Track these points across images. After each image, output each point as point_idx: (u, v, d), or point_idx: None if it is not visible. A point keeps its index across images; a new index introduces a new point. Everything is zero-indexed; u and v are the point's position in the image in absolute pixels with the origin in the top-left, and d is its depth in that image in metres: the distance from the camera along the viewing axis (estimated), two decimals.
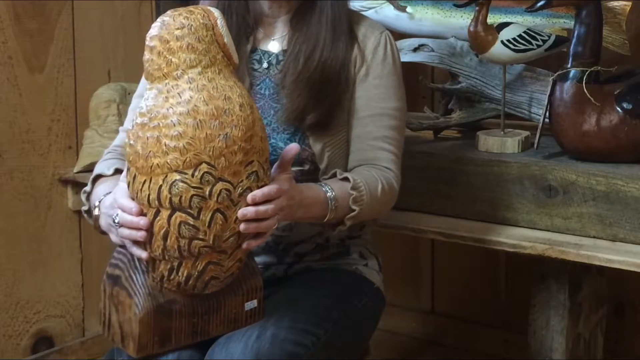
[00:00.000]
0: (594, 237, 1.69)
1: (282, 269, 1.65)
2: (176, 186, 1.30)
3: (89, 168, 2.35)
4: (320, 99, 1.58)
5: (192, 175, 1.30)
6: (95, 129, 2.38)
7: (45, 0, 2.34)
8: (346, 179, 1.53)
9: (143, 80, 1.64)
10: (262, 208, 1.34)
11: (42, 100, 2.36)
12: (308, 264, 1.67)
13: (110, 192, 1.45)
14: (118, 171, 1.54)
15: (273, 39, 1.66)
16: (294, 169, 1.60)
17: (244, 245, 1.37)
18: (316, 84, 1.57)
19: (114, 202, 1.40)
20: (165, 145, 1.30)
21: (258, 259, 1.58)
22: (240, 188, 1.33)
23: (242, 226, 1.34)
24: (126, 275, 1.41)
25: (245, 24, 1.65)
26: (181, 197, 1.30)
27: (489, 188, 1.81)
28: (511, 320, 2.46)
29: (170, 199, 1.31)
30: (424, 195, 1.88)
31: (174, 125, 1.30)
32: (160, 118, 1.31)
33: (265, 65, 1.65)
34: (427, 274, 2.62)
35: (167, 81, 1.34)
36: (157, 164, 1.31)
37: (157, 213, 1.33)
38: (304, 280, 1.63)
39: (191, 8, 1.37)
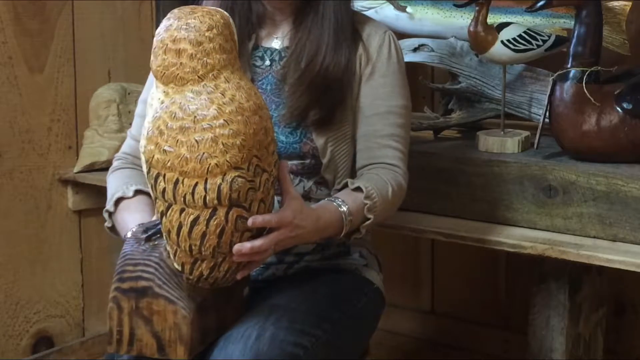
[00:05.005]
0: (594, 237, 1.69)
1: (282, 269, 1.65)
2: (236, 182, 1.32)
3: (89, 168, 2.36)
4: (323, 99, 1.59)
5: (248, 170, 1.33)
6: (95, 129, 2.38)
7: (45, 0, 2.34)
8: (358, 189, 1.53)
9: (149, 84, 1.64)
10: (257, 243, 1.36)
11: (42, 100, 2.36)
12: (308, 263, 1.67)
13: (142, 223, 1.46)
14: (138, 192, 1.56)
15: (276, 37, 1.67)
16: (295, 162, 1.61)
17: (238, 276, 1.40)
18: (318, 87, 1.58)
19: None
20: (223, 144, 1.31)
21: None
22: (272, 176, 1.39)
23: (234, 258, 1.36)
24: (159, 283, 1.38)
25: (247, 24, 1.65)
26: (239, 192, 1.33)
27: (489, 188, 1.81)
28: (511, 320, 2.46)
29: (230, 195, 1.32)
30: (424, 195, 1.88)
31: (228, 124, 1.32)
32: (211, 119, 1.31)
33: (267, 62, 1.66)
34: (427, 274, 2.62)
35: (204, 83, 1.34)
36: (216, 164, 1.31)
37: (214, 212, 1.33)
38: (304, 280, 1.62)
39: (206, 9, 1.37)
